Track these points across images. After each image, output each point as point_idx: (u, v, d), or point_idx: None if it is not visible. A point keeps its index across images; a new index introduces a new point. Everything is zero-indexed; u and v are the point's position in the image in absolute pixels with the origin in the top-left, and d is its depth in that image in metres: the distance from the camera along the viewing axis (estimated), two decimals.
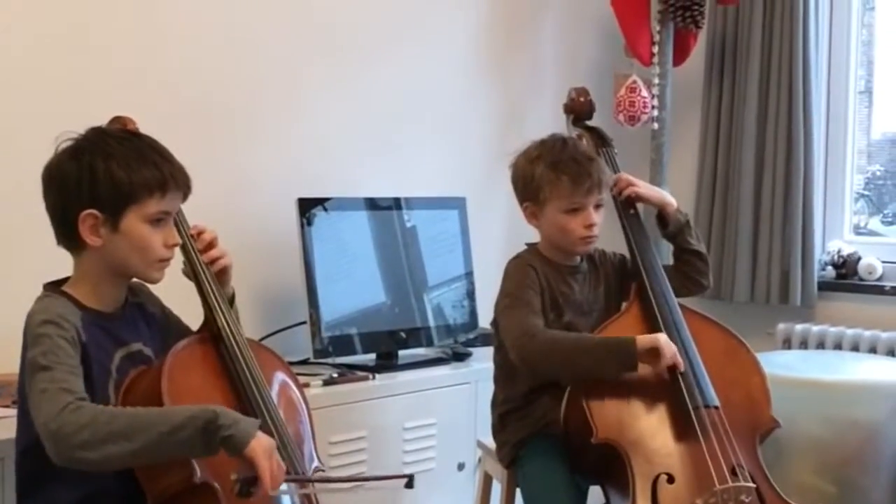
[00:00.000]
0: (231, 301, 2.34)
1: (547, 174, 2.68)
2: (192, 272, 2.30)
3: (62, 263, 2.14)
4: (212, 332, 2.26)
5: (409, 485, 2.12)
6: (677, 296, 2.82)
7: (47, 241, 2.12)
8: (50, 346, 1.96)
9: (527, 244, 2.84)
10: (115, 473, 2.03)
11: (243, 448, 1.93)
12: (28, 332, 2.02)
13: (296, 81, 3.60)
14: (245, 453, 1.93)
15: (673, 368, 2.58)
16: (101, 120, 2.23)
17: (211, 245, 2.32)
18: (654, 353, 2.55)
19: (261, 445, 1.95)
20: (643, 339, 2.56)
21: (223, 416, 1.93)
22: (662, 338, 2.58)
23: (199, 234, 2.32)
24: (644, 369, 2.57)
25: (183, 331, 2.33)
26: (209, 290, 2.28)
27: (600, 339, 2.62)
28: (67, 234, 2.09)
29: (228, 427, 1.92)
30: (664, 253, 3.26)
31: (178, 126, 3.01)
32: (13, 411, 2.28)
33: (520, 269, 2.72)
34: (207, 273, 2.30)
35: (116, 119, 2.33)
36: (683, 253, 2.90)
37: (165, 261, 2.15)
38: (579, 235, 2.70)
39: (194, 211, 2.33)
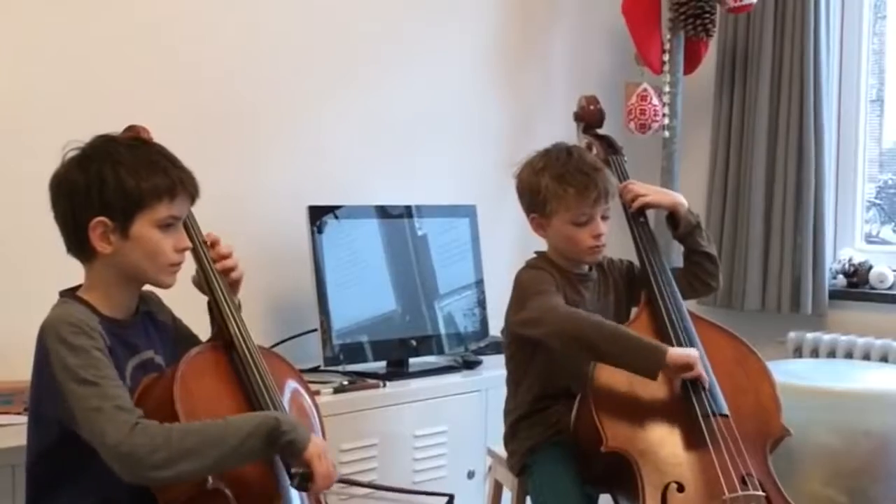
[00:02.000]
0: (238, 310, 2.35)
1: (553, 186, 2.68)
2: (203, 279, 2.31)
3: (73, 272, 2.15)
4: (224, 340, 2.26)
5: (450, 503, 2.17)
6: (686, 297, 2.82)
7: (58, 249, 2.13)
8: (89, 360, 1.98)
9: (535, 252, 2.84)
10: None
11: (303, 451, 2.04)
12: (51, 337, 2.01)
13: (307, 89, 3.61)
14: (304, 456, 2.04)
15: (696, 381, 2.57)
16: (115, 129, 2.24)
17: (226, 256, 2.34)
18: (685, 368, 2.53)
19: (316, 447, 2.07)
20: (676, 354, 2.53)
21: (283, 423, 2.03)
22: (694, 354, 2.56)
23: (214, 243, 2.33)
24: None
25: (192, 340, 2.34)
26: (221, 297, 2.29)
27: (635, 335, 2.57)
28: (78, 243, 2.10)
29: (289, 432, 2.03)
30: (674, 259, 3.25)
31: (189, 134, 3.03)
32: (24, 418, 2.29)
33: (533, 274, 2.72)
34: (220, 280, 2.31)
35: (131, 128, 2.35)
36: (693, 254, 2.90)
37: (177, 265, 2.16)
38: (587, 246, 2.70)
39: (206, 218, 2.34)
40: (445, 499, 2.17)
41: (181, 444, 1.94)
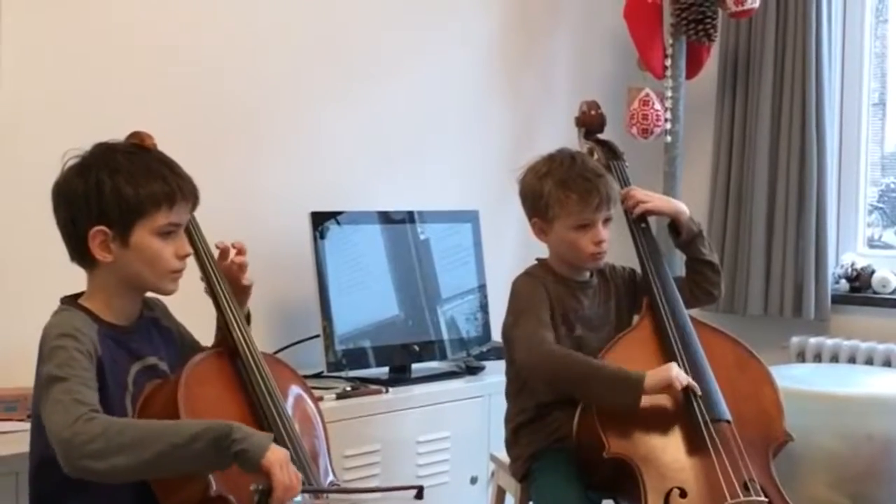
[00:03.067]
0: (247, 321, 2.35)
1: (555, 192, 2.68)
2: (207, 285, 2.31)
3: (77, 279, 2.15)
4: (228, 346, 2.27)
5: (419, 496, 2.13)
6: (689, 306, 2.82)
7: (61, 256, 2.13)
8: (65, 358, 1.98)
9: (537, 259, 2.84)
10: (131, 488, 2.04)
11: (258, 461, 1.94)
12: (44, 345, 2.03)
13: (309, 95, 3.62)
14: (261, 465, 1.94)
15: (687, 390, 2.57)
16: (118, 136, 2.24)
17: (242, 268, 2.36)
18: (666, 388, 2.54)
19: (276, 457, 1.96)
20: (653, 378, 2.53)
21: (236, 431, 1.94)
22: (673, 368, 2.56)
23: (239, 252, 2.35)
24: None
25: (195, 348, 2.34)
26: (225, 303, 2.30)
27: (611, 371, 2.57)
28: (79, 251, 2.10)
29: (241, 441, 1.93)
30: (676, 266, 3.26)
31: (191, 140, 3.04)
32: (28, 425, 2.29)
33: (528, 286, 2.72)
34: (224, 286, 2.31)
35: (135, 134, 2.35)
36: (695, 263, 2.90)
37: (178, 272, 2.16)
38: (589, 252, 2.70)
39: (208, 225, 2.35)
40: (415, 491, 2.14)
41: (119, 437, 1.89)
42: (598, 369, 2.58)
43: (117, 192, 2.06)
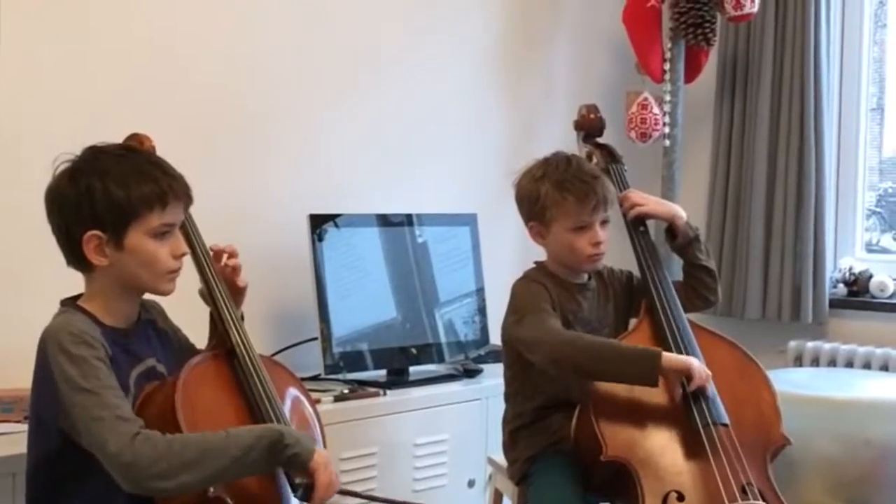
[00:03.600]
0: (241, 321, 2.35)
1: (552, 194, 2.68)
2: (205, 286, 2.31)
3: (73, 281, 2.15)
4: (226, 349, 2.27)
5: None
6: (686, 311, 2.82)
7: (58, 258, 2.13)
8: (89, 369, 1.98)
9: (535, 262, 2.84)
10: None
11: (307, 464, 2.04)
12: (52, 346, 2.01)
13: (308, 98, 3.62)
14: (310, 467, 2.04)
15: (696, 391, 2.57)
16: (118, 138, 2.24)
17: (236, 271, 2.36)
18: (683, 373, 2.54)
19: (322, 458, 2.07)
20: (672, 358, 2.55)
21: (287, 436, 2.03)
22: (695, 362, 2.57)
23: (218, 254, 2.34)
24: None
25: (191, 350, 2.34)
26: (223, 305, 2.30)
27: (626, 347, 2.60)
28: (75, 256, 2.10)
29: (293, 445, 2.03)
30: (674, 270, 3.26)
31: (190, 143, 3.04)
32: (25, 426, 2.29)
33: (529, 287, 2.73)
34: (221, 287, 2.31)
35: (133, 136, 2.35)
36: (692, 268, 2.90)
37: (175, 272, 2.15)
38: (587, 254, 2.71)
39: (207, 227, 2.35)
40: None
41: (182, 455, 1.94)
42: (614, 345, 2.60)
43: (108, 195, 2.05)
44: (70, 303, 2.13)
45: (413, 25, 3.93)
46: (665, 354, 2.54)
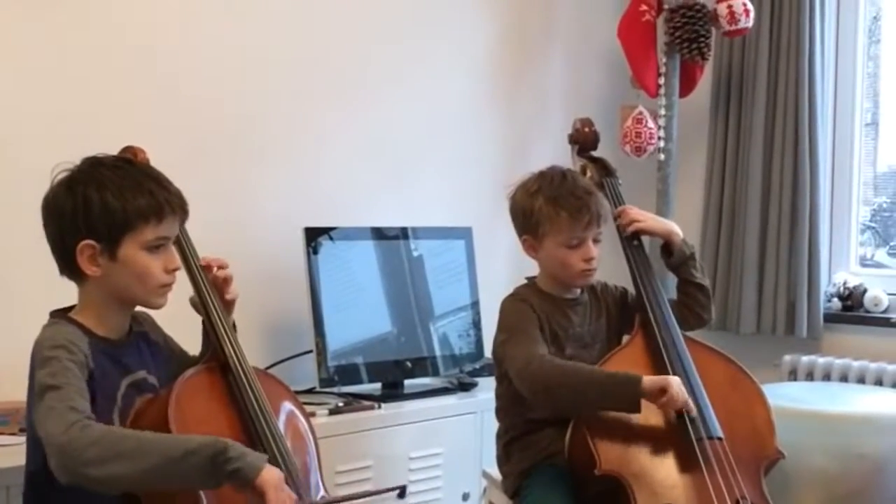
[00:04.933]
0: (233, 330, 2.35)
1: (546, 209, 2.69)
2: (199, 300, 2.31)
3: (67, 292, 2.15)
4: (219, 362, 2.27)
5: (402, 495, 2.13)
6: (679, 328, 2.82)
7: (52, 270, 2.13)
8: (58, 368, 1.97)
9: (526, 278, 2.84)
10: (119, 501, 2.03)
11: (252, 481, 1.94)
12: (36, 357, 2.02)
13: (304, 111, 3.63)
14: (255, 485, 1.94)
15: (681, 412, 2.57)
16: (112, 150, 2.24)
17: (227, 281, 2.35)
18: (663, 394, 2.53)
19: (271, 477, 1.96)
20: (651, 381, 2.53)
21: (232, 449, 1.94)
22: (675, 382, 2.55)
23: (220, 267, 2.33)
24: (649, 403, 2.57)
25: (185, 359, 2.34)
26: (216, 317, 2.30)
27: (607, 374, 2.60)
28: (68, 265, 2.10)
29: (237, 459, 1.93)
30: (669, 286, 3.26)
31: (185, 156, 3.05)
32: (20, 439, 2.29)
33: (515, 306, 2.73)
34: (215, 300, 2.31)
35: (127, 149, 2.35)
36: (686, 285, 2.90)
37: (167, 286, 2.15)
38: (579, 269, 2.71)
39: (202, 240, 2.35)
40: (398, 490, 2.15)
41: (117, 446, 1.89)
42: (593, 374, 2.59)
43: (105, 206, 2.06)
44: (59, 314, 2.13)
45: (408, 39, 3.94)
46: (644, 379, 2.52)
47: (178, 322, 2.34)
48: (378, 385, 3.48)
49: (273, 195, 3.54)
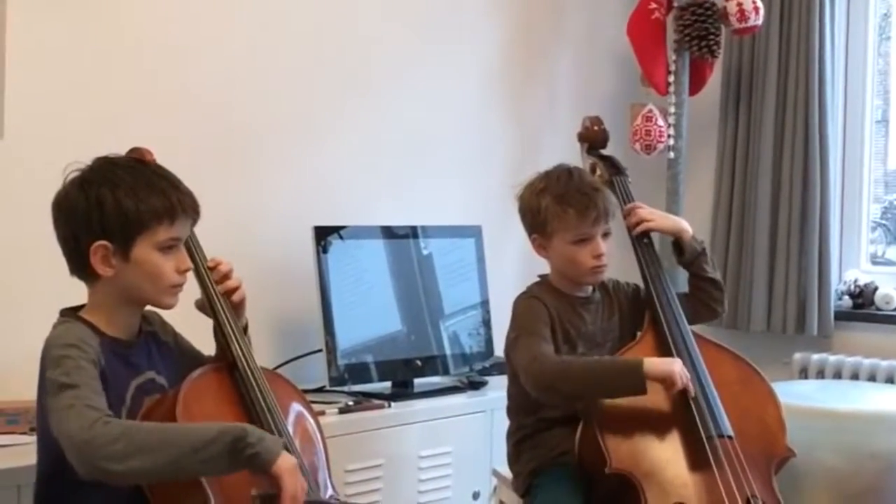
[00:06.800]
0: (244, 331, 2.35)
1: (553, 207, 2.69)
2: (207, 301, 2.31)
3: (77, 291, 2.16)
4: (227, 362, 2.27)
5: None
6: (692, 323, 2.81)
7: (62, 268, 2.14)
8: (72, 366, 1.97)
9: (539, 276, 2.84)
10: (128, 500, 2.04)
11: (269, 466, 1.95)
12: (47, 356, 2.02)
13: (312, 111, 3.63)
14: (272, 471, 1.95)
15: (685, 393, 2.57)
16: (120, 151, 2.24)
17: (227, 276, 2.33)
18: (665, 377, 2.53)
19: (286, 463, 1.97)
20: (653, 363, 2.55)
21: (251, 434, 1.95)
22: (677, 363, 2.57)
23: (216, 266, 2.33)
24: (658, 398, 2.56)
25: (196, 357, 2.34)
26: (224, 319, 2.29)
27: (609, 361, 2.64)
28: (80, 265, 2.10)
29: (255, 444, 1.94)
30: (680, 281, 3.26)
31: (193, 156, 3.05)
32: (30, 438, 2.29)
33: (528, 304, 2.73)
34: (222, 302, 2.31)
35: (135, 150, 2.35)
36: (699, 280, 2.90)
37: (178, 286, 2.16)
38: (589, 266, 2.71)
39: (212, 239, 2.35)
40: None
41: (139, 439, 1.90)
42: (596, 363, 2.61)
43: (118, 206, 2.06)
44: (70, 313, 2.13)
45: (417, 38, 3.94)
46: (647, 360, 2.54)
47: (190, 323, 2.34)
48: (388, 384, 3.48)
49: (283, 194, 3.54)
